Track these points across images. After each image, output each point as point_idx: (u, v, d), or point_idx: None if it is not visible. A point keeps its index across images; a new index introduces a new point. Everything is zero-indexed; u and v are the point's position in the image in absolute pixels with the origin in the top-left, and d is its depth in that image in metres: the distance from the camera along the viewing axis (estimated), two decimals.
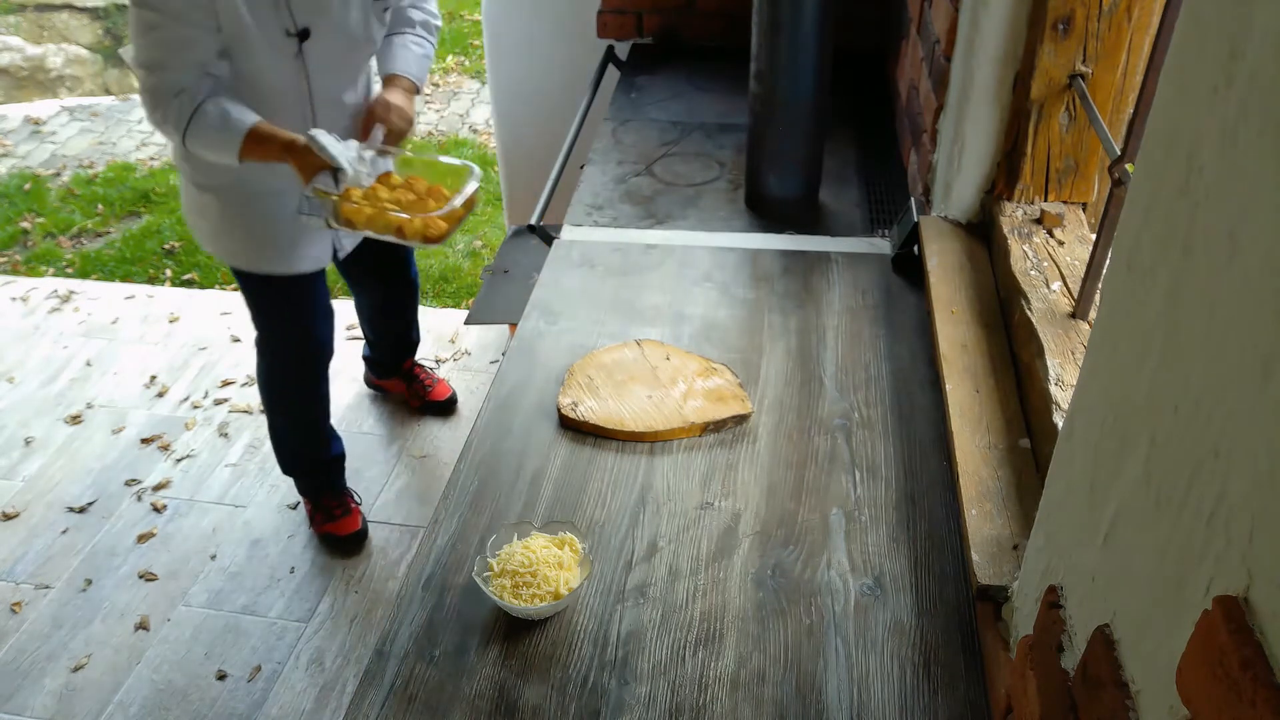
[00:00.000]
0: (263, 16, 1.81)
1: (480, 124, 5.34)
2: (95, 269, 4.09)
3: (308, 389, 2.43)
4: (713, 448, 1.38)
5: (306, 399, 2.44)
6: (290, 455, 2.53)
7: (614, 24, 2.78)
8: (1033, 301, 1.33)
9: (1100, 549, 0.71)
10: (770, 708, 1.03)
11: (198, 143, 1.83)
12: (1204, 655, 0.52)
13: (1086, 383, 0.78)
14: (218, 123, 1.81)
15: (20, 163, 5.02)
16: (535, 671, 1.08)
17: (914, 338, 1.58)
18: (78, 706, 2.22)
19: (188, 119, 1.80)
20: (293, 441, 2.50)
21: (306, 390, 2.43)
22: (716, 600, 1.15)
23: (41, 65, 5.89)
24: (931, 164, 1.73)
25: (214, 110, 1.81)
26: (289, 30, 1.85)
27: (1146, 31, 1.38)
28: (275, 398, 2.44)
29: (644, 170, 2.14)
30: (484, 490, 1.32)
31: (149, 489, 2.81)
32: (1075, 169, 1.53)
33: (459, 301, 3.85)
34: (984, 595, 1.06)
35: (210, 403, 3.13)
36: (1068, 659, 0.76)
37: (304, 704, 2.22)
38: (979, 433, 1.24)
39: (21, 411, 3.12)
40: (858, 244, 1.86)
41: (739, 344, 1.58)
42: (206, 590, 2.49)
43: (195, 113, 1.79)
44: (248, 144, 1.82)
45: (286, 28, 1.85)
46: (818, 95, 1.88)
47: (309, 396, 2.44)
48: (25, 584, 2.53)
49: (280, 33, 1.84)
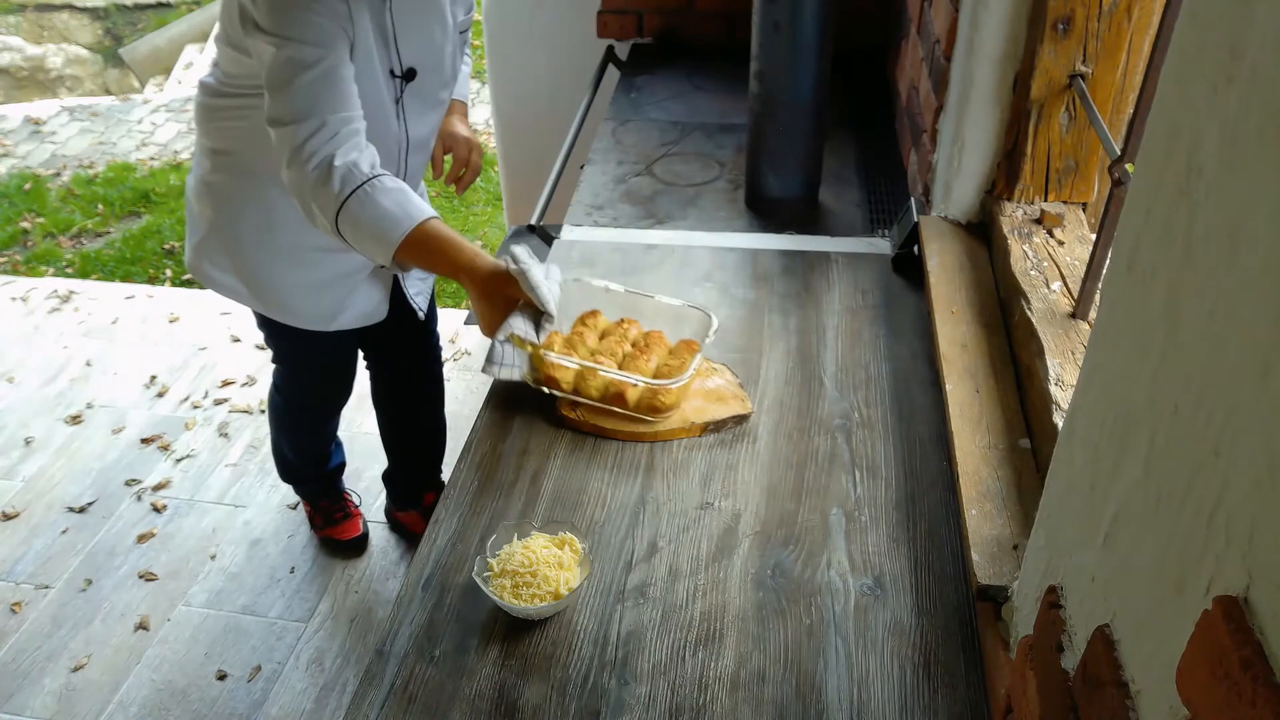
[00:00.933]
0: (378, 54, 1.58)
1: (480, 124, 5.34)
2: (95, 269, 4.10)
3: (318, 426, 2.38)
4: (713, 448, 1.38)
5: (314, 433, 2.40)
6: (288, 471, 2.50)
7: (614, 24, 2.78)
8: (1033, 301, 1.33)
9: (1100, 549, 0.71)
10: (770, 708, 1.03)
11: (355, 225, 1.42)
12: (1204, 655, 0.52)
13: (1086, 383, 0.78)
14: (393, 203, 1.41)
15: (20, 163, 5.02)
16: (535, 671, 1.08)
17: (914, 338, 1.58)
18: (78, 706, 2.22)
19: (353, 189, 1.41)
20: (293, 461, 2.46)
21: (316, 427, 2.38)
22: (716, 600, 1.15)
23: (41, 65, 5.89)
24: (931, 164, 1.73)
25: (392, 186, 1.43)
26: (394, 71, 1.63)
27: (1146, 31, 1.38)
28: (282, 428, 2.36)
29: (644, 170, 2.14)
30: (484, 490, 1.32)
31: (149, 489, 2.81)
32: (1075, 169, 1.53)
33: (459, 301, 3.85)
34: (984, 595, 1.06)
35: (210, 403, 3.13)
36: (1068, 659, 0.76)
37: (304, 704, 2.22)
38: (979, 433, 1.24)
39: (21, 411, 3.12)
40: (858, 244, 1.86)
41: (739, 344, 1.58)
42: (206, 590, 2.49)
43: (367, 183, 1.41)
44: (412, 242, 1.41)
45: (392, 68, 1.63)
46: (818, 95, 1.88)
47: (317, 431, 2.39)
48: (25, 584, 2.53)
49: (386, 73, 1.62)
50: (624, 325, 1.52)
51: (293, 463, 2.46)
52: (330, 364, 2.14)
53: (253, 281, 1.86)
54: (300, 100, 1.43)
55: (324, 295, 1.87)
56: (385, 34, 1.58)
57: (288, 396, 2.27)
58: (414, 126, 1.74)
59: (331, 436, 2.46)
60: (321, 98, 1.43)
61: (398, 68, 1.64)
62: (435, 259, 1.44)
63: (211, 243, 1.84)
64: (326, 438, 2.44)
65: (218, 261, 1.86)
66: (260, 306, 1.91)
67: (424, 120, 1.76)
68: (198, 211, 1.85)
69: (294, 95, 1.43)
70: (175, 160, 5.12)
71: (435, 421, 2.44)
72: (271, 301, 1.89)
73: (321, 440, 2.44)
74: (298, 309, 1.89)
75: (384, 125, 1.66)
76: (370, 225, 1.41)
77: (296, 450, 2.42)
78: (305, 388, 2.24)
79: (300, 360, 2.13)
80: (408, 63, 1.64)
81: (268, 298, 1.88)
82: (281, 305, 1.89)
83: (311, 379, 2.21)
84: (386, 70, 1.62)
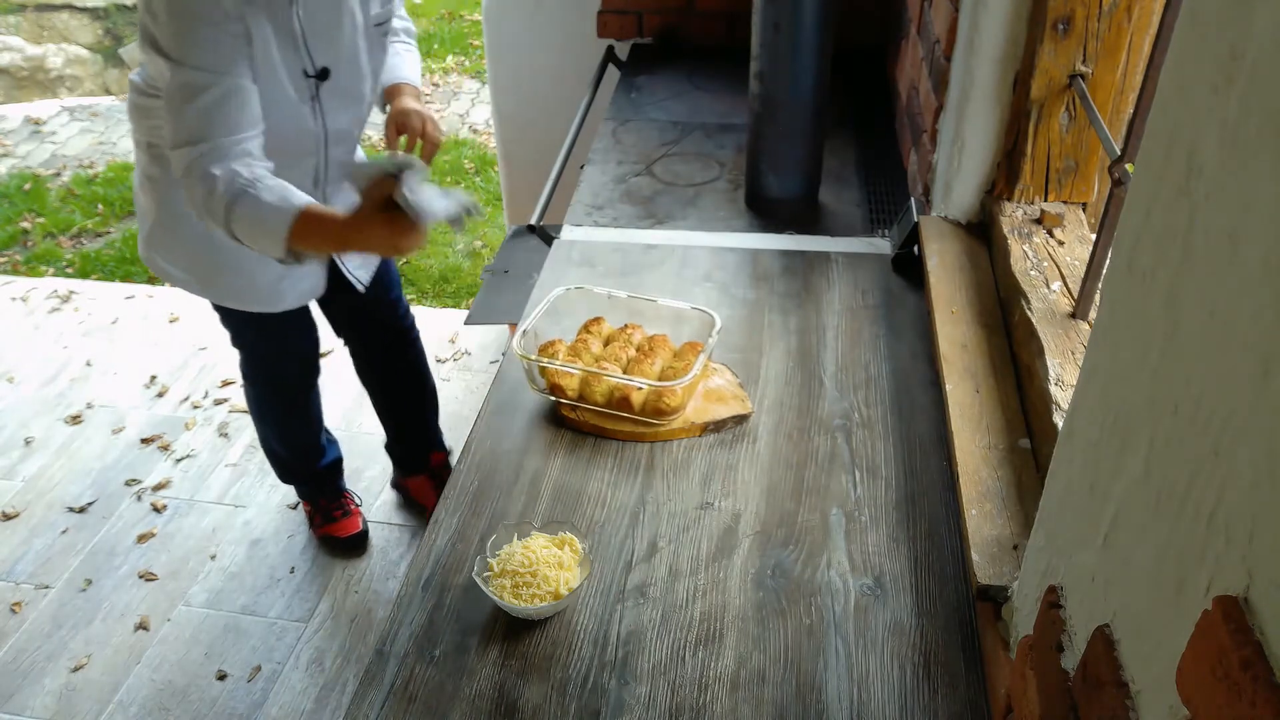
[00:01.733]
0: (287, 58, 1.62)
1: (480, 124, 5.34)
2: (95, 269, 4.09)
3: (296, 408, 2.39)
4: (713, 448, 1.38)
5: (295, 417, 2.40)
6: (283, 468, 2.52)
7: (614, 24, 2.78)
8: (1033, 301, 1.33)
9: (1100, 549, 0.71)
10: (770, 708, 1.03)
11: (244, 223, 1.48)
12: (1204, 655, 0.52)
13: (1086, 383, 0.78)
14: (275, 198, 1.47)
15: (20, 163, 5.02)
16: (535, 671, 1.08)
17: (914, 338, 1.58)
18: (78, 706, 2.22)
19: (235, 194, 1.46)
20: (285, 455, 2.48)
21: (294, 409, 2.39)
22: (716, 600, 1.15)
23: (41, 65, 5.89)
24: (931, 164, 1.73)
25: (274, 184, 1.49)
26: (307, 71, 1.67)
27: (1146, 31, 1.38)
28: (263, 417, 2.40)
29: (644, 170, 2.14)
30: (484, 490, 1.32)
31: (149, 489, 2.81)
32: (1075, 169, 1.53)
33: (459, 301, 3.85)
34: (984, 595, 1.06)
35: (210, 403, 3.13)
36: (1068, 659, 0.76)
37: (304, 704, 2.22)
38: (979, 433, 1.24)
39: (21, 411, 3.12)
40: (858, 244, 1.86)
41: (739, 344, 1.58)
42: (206, 590, 2.49)
43: (249, 186, 1.47)
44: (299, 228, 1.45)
45: (305, 68, 1.66)
46: (818, 95, 1.88)
47: (297, 414, 2.40)
48: (25, 584, 2.53)
49: (299, 74, 1.66)
50: (628, 330, 1.52)
51: (284, 457, 2.47)
52: (286, 339, 2.19)
53: (196, 270, 1.93)
54: (193, 124, 1.48)
55: (262, 278, 1.94)
56: (295, 38, 1.62)
57: (254, 380, 2.33)
58: (333, 121, 1.78)
59: (317, 427, 2.46)
60: (214, 122, 1.48)
61: (310, 68, 1.67)
62: (323, 235, 1.48)
63: (158, 234, 1.91)
64: (311, 427, 2.45)
65: (165, 253, 1.93)
66: (208, 294, 1.99)
67: (343, 114, 1.80)
68: (144, 204, 1.92)
69: (187, 119, 1.48)
70: None
71: (420, 381, 2.50)
72: (218, 288, 1.97)
73: (306, 429, 2.44)
74: (242, 293, 1.98)
75: (298, 123, 1.71)
76: (257, 223, 1.47)
77: (284, 442, 2.44)
78: (270, 367, 2.29)
79: (258, 341, 2.20)
80: (320, 62, 1.68)
81: (213, 285, 1.96)
82: (226, 290, 1.98)
83: (272, 357, 2.26)
84: (299, 71, 1.65)
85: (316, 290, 2.06)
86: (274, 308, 2.01)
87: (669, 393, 1.37)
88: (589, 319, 1.55)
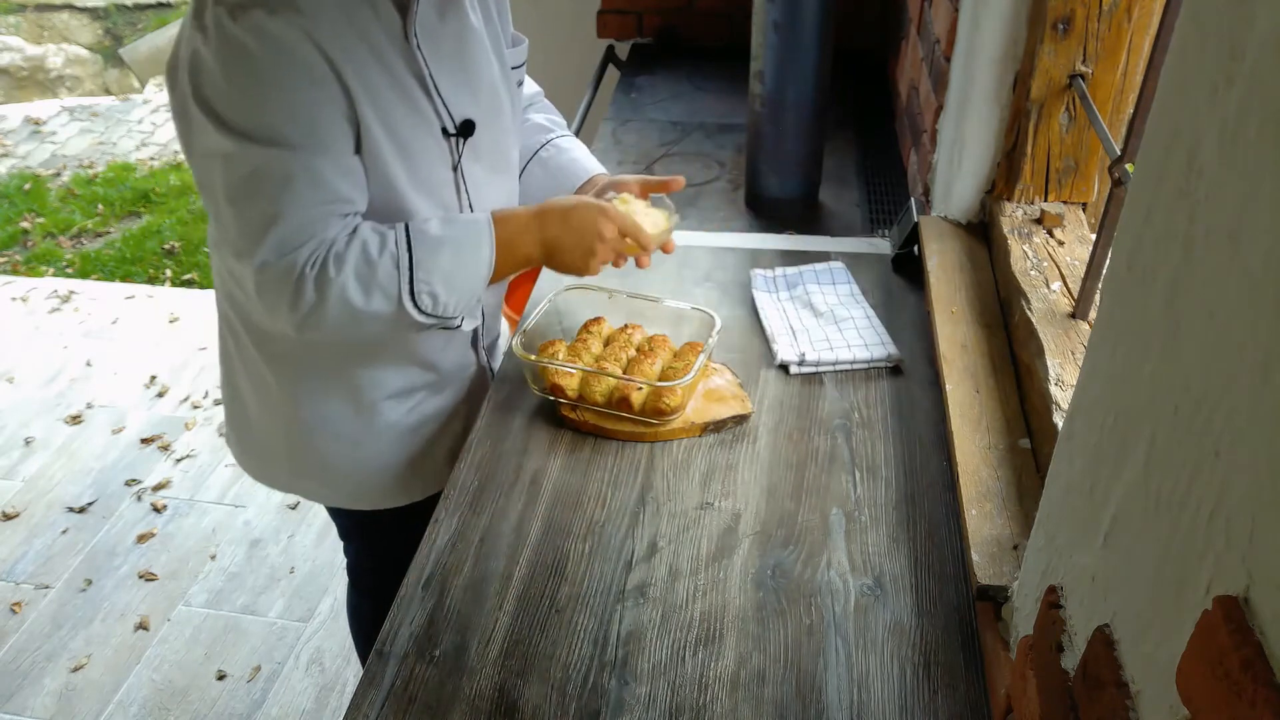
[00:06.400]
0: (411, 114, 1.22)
1: None
2: (95, 269, 4.10)
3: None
4: (713, 448, 1.38)
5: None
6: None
7: (614, 24, 2.78)
8: (1033, 301, 1.33)
9: (1100, 549, 0.71)
10: (770, 708, 1.03)
11: (427, 290, 1.20)
12: (1204, 655, 0.52)
13: (1086, 383, 0.78)
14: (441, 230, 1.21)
15: (20, 163, 5.02)
16: (535, 671, 1.08)
17: (914, 338, 1.58)
18: (78, 706, 2.22)
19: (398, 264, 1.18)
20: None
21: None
22: (716, 600, 1.15)
23: (41, 65, 5.89)
24: (931, 164, 1.73)
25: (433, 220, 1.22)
26: (446, 129, 1.27)
27: (1146, 31, 1.38)
28: (368, 623, 1.73)
29: (644, 170, 2.14)
30: (484, 490, 1.32)
31: (149, 489, 2.81)
32: (1075, 169, 1.53)
33: None
34: (984, 595, 1.06)
35: (210, 403, 3.13)
36: (1068, 659, 0.76)
37: (304, 704, 2.22)
38: (979, 433, 1.24)
39: (21, 411, 3.12)
40: (858, 244, 1.85)
41: (739, 344, 1.58)
42: (206, 590, 2.49)
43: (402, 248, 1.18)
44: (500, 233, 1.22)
45: (444, 126, 1.27)
46: (818, 95, 1.88)
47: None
48: (25, 584, 2.53)
49: (435, 135, 1.26)
50: (628, 330, 1.51)
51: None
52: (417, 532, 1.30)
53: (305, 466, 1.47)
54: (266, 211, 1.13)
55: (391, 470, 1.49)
56: (423, 82, 1.23)
57: (378, 593, 1.47)
58: (479, 199, 1.37)
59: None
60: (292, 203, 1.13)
61: (449, 124, 1.27)
62: (517, 234, 1.26)
63: (253, 409, 1.48)
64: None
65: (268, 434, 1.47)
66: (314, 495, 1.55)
67: (490, 190, 1.39)
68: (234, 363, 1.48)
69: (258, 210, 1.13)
70: (175, 160, 5.12)
71: None
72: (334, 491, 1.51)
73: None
74: (364, 495, 1.51)
75: (434, 205, 1.30)
76: (447, 269, 1.21)
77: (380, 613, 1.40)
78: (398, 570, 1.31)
79: (384, 542, 1.61)
80: (460, 115, 1.28)
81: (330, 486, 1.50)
82: (346, 492, 1.51)
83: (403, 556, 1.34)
84: (434, 131, 1.26)
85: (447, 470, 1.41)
86: (411, 497, 1.54)
87: (669, 393, 1.37)
88: (589, 319, 1.55)
